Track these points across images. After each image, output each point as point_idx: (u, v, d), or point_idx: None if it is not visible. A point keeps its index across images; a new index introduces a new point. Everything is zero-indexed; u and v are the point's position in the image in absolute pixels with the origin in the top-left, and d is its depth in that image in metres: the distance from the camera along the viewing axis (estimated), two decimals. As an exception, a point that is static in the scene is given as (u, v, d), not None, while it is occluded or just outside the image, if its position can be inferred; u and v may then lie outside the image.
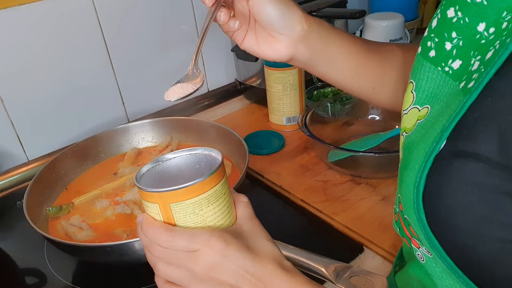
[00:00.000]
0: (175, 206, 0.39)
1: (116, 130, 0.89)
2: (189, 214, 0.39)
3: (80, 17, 0.90)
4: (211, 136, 0.87)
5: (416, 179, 0.38)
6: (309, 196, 0.77)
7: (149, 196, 0.40)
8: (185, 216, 0.39)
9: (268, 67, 0.96)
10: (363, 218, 0.71)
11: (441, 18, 0.41)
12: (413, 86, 0.43)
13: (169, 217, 0.40)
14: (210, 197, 0.39)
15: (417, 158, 0.38)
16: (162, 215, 0.40)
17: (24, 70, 0.87)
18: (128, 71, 1.01)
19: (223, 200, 0.41)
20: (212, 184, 0.39)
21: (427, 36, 0.43)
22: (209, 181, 0.39)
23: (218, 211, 0.40)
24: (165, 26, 1.03)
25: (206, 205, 0.39)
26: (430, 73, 0.41)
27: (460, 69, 0.38)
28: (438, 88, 0.41)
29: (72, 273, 0.68)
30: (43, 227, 0.68)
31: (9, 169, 0.91)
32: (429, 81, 0.41)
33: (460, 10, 0.39)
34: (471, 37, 0.38)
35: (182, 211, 0.39)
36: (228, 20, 0.57)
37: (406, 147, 0.42)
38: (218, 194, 0.40)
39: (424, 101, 0.42)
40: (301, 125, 0.85)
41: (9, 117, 0.88)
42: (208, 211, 0.40)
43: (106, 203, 0.74)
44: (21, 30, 0.84)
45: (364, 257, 0.65)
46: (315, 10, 1.05)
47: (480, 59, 0.36)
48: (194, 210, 0.39)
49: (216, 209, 0.40)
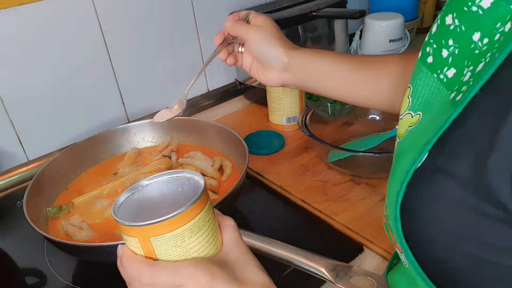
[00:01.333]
0: (156, 239, 0.36)
1: (116, 130, 0.89)
2: (171, 247, 0.37)
3: (80, 17, 0.90)
4: (211, 136, 0.87)
5: (397, 188, 0.38)
6: (309, 196, 0.77)
7: (128, 230, 0.37)
8: (167, 249, 0.37)
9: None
10: (363, 218, 0.71)
11: (440, 24, 0.41)
12: (410, 91, 0.43)
13: (150, 251, 0.37)
14: (193, 227, 0.37)
15: (402, 168, 0.38)
16: (142, 249, 0.37)
17: (24, 70, 0.87)
18: (128, 71, 1.01)
19: (207, 228, 0.38)
20: (195, 213, 0.37)
21: (427, 42, 0.42)
22: (192, 210, 0.36)
23: (203, 240, 0.38)
24: (165, 26, 1.03)
25: (189, 235, 0.37)
26: (426, 79, 0.41)
27: (453, 78, 0.38)
28: (432, 96, 0.40)
29: (72, 273, 0.68)
30: (43, 227, 0.68)
31: (9, 169, 0.91)
32: (424, 88, 0.41)
33: (457, 17, 0.38)
34: (466, 46, 0.37)
35: (164, 245, 0.37)
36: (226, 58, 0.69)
37: (396, 154, 0.43)
38: (201, 222, 0.37)
39: (417, 108, 0.41)
40: (301, 125, 0.85)
41: (9, 117, 0.88)
42: (191, 241, 0.37)
43: (106, 203, 0.74)
44: (21, 30, 0.84)
45: (364, 257, 0.65)
46: (315, 10, 1.05)
47: (472, 70, 0.36)
48: (177, 243, 0.37)
49: (200, 238, 0.38)
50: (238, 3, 1.13)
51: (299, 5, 1.10)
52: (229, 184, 0.75)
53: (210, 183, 0.77)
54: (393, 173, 0.41)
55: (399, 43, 1.13)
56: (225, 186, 0.77)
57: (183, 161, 0.83)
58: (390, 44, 1.12)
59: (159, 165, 0.82)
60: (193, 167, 0.81)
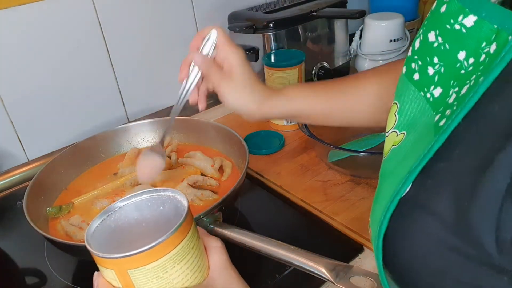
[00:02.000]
0: (134, 272, 0.33)
1: (116, 130, 0.89)
2: (152, 279, 0.33)
3: (80, 17, 0.90)
4: (211, 136, 0.87)
5: (380, 217, 0.36)
6: (309, 196, 0.77)
7: (103, 262, 0.34)
8: (147, 281, 0.33)
9: (268, 67, 0.96)
10: (363, 218, 0.71)
11: (423, 40, 0.39)
12: (397, 108, 0.41)
13: (128, 283, 0.34)
14: (175, 257, 0.33)
15: (385, 194, 0.37)
16: (120, 281, 0.34)
17: (24, 70, 0.87)
18: (128, 71, 1.01)
19: (191, 255, 0.34)
20: (178, 240, 0.33)
21: (411, 57, 0.40)
22: (174, 238, 0.33)
23: (186, 270, 0.34)
24: (165, 26, 1.03)
25: (171, 266, 0.33)
26: (414, 97, 0.39)
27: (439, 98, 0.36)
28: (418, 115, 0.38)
29: (72, 273, 0.68)
30: (43, 227, 0.68)
31: (9, 169, 0.91)
32: (411, 106, 0.39)
33: (441, 35, 0.36)
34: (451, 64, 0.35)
35: (143, 277, 0.33)
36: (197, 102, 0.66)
37: (381, 174, 0.41)
38: (185, 250, 0.34)
39: (403, 126, 0.39)
40: (301, 125, 0.85)
41: (9, 117, 0.88)
42: (174, 272, 0.34)
43: (106, 203, 0.74)
44: (21, 30, 0.84)
45: (364, 257, 0.65)
46: (315, 10, 1.05)
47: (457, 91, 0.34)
48: (157, 274, 0.33)
49: (184, 267, 0.34)
50: (238, 3, 1.13)
51: (299, 5, 1.10)
52: (229, 184, 0.75)
53: (210, 183, 0.77)
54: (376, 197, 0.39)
55: (399, 43, 1.13)
56: (225, 186, 0.77)
57: (183, 161, 0.83)
58: (390, 44, 1.12)
59: (159, 165, 0.82)
60: (193, 167, 0.81)
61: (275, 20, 1.02)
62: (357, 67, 1.18)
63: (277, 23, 1.02)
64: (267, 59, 0.97)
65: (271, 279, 0.61)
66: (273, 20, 1.01)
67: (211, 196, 0.73)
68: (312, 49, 1.08)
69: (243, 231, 0.60)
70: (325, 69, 1.09)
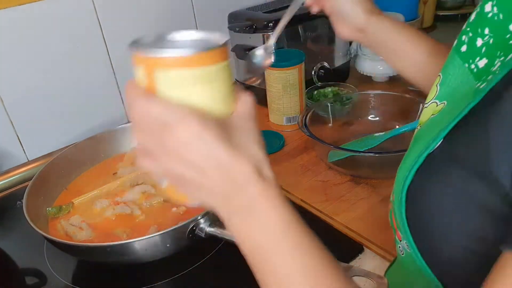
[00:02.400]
0: (159, 73, 0.34)
1: (116, 130, 0.89)
2: (172, 88, 0.34)
3: (80, 17, 0.90)
4: (211, 136, 0.87)
5: (405, 175, 0.38)
6: (309, 196, 0.77)
7: (135, 58, 0.36)
8: (168, 87, 0.34)
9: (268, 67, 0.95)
10: (363, 218, 0.71)
11: (479, 12, 0.40)
12: (439, 80, 0.43)
13: (151, 84, 0.35)
14: (198, 76, 0.34)
15: (414, 153, 0.39)
16: (146, 80, 0.35)
17: (24, 70, 0.87)
18: (128, 71, 1.00)
19: (215, 85, 0.35)
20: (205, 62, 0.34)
21: (464, 30, 0.42)
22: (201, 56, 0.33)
23: (206, 95, 0.35)
24: (165, 27, 1.03)
25: (193, 83, 0.34)
26: (457, 69, 0.41)
27: (484, 68, 0.38)
28: (459, 86, 0.40)
29: (72, 273, 0.68)
30: (43, 227, 0.68)
31: (9, 169, 0.91)
32: (454, 77, 0.41)
33: (497, 5, 0.38)
34: (501, 36, 0.37)
35: (166, 82, 0.34)
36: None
37: (413, 140, 0.43)
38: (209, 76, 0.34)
39: (443, 97, 0.41)
40: (301, 125, 0.85)
41: (9, 117, 0.88)
42: (194, 91, 0.34)
43: (106, 203, 0.74)
44: (21, 30, 0.84)
45: (364, 257, 0.65)
46: (315, 10, 1.05)
47: (502, 60, 0.35)
48: (178, 85, 0.34)
49: (204, 91, 0.35)
50: (238, 3, 1.12)
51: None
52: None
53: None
54: (405, 158, 0.41)
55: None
56: (225, 186, 0.77)
57: (183, 161, 0.83)
58: (390, 44, 1.12)
59: (159, 165, 0.82)
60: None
61: (275, 20, 1.01)
62: (357, 67, 1.18)
63: (277, 23, 1.01)
64: (267, 59, 0.97)
65: (271, 279, 0.61)
66: (273, 20, 1.01)
67: (211, 196, 0.73)
68: (312, 49, 1.08)
69: (243, 231, 0.60)
70: (325, 69, 1.08)
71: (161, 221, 0.69)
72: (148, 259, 0.63)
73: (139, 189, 0.76)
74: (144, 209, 0.72)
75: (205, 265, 0.65)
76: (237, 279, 0.63)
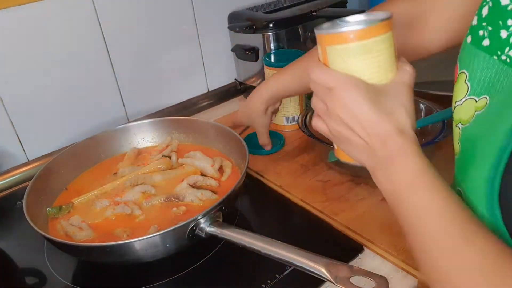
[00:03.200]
0: (329, 49, 0.43)
1: (116, 130, 0.89)
2: (338, 60, 0.43)
3: (80, 17, 0.90)
4: (211, 136, 0.87)
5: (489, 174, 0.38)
6: (309, 196, 0.77)
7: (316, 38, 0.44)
8: (334, 59, 0.43)
9: (268, 67, 0.95)
10: (363, 218, 0.71)
11: (493, 6, 0.41)
12: (466, 77, 0.43)
13: (325, 58, 0.44)
14: (358, 49, 0.41)
15: (488, 152, 0.38)
16: (322, 56, 0.45)
17: (24, 70, 0.87)
18: (128, 71, 1.01)
19: (374, 57, 0.42)
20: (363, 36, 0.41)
21: (478, 25, 0.42)
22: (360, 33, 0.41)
23: (366, 66, 0.42)
24: (165, 26, 1.03)
25: (354, 55, 0.42)
26: (485, 62, 0.41)
27: None
28: (496, 78, 0.40)
29: (72, 273, 0.68)
30: (43, 227, 0.68)
31: (9, 169, 0.91)
32: (484, 71, 0.41)
33: None
34: None
35: (333, 56, 0.43)
36: None
37: (465, 139, 0.43)
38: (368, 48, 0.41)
39: (480, 92, 0.42)
40: (301, 125, 0.85)
41: (9, 117, 0.88)
42: (354, 61, 0.42)
43: (106, 203, 0.74)
44: (21, 30, 0.84)
45: (364, 257, 0.65)
46: (315, 10, 1.05)
47: None
48: (342, 57, 0.42)
49: (363, 62, 0.42)
50: (238, 3, 1.13)
51: (299, 5, 1.10)
52: (229, 184, 0.75)
53: (210, 183, 0.77)
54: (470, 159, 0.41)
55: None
56: (225, 186, 0.77)
57: (183, 161, 0.83)
58: (390, 44, 1.12)
59: (159, 165, 0.82)
60: (193, 167, 0.81)
61: (275, 20, 1.02)
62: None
63: (277, 23, 1.02)
64: (267, 59, 0.97)
65: (271, 279, 0.61)
66: (273, 20, 1.01)
67: (211, 196, 0.73)
68: (312, 49, 1.08)
69: (243, 231, 0.60)
70: (325, 69, 1.08)
71: (161, 221, 0.69)
72: (148, 259, 0.63)
73: (139, 189, 0.76)
74: (144, 209, 0.72)
75: (205, 265, 0.65)
76: (237, 279, 0.64)
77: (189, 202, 0.73)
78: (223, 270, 0.65)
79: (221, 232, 0.61)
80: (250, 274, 0.64)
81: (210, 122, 0.89)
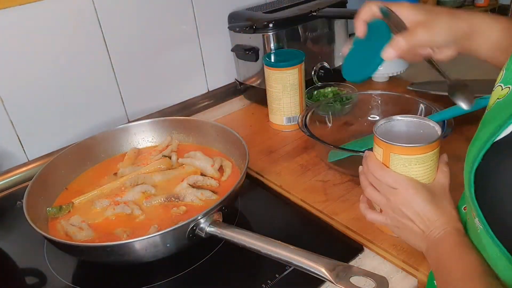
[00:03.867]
0: (393, 156, 0.55)
1: (116, 130, 0.89)
2: (400, 165, 0.55)
3: (80, 17, 0.90)
4: (211, 136, 0.87)
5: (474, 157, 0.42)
6: (309, 196, 0.77)
7: (379, 142, 0.56)
8: (397, 164, 0.55)
9: (268, 67, 0.95)
10: (363, 218, 0.70)
11: None
12: (507, 64, 0.44)
13: (386, 160, 0.56)
14: (418, 159, 0.54)
15: (483, 137, 0.42)
16: (382, 157, 0.56)
17: (24, 70, 0.87)
18: (128, 71, 1.01)
19: (428, 165, 0.54)
20: (424, 151, 0.53)
21: None
22: (422, 148, 0.53)
23: (421, 171, 0.55)
24: (165, 26, 1.03)
25: (415, 163, 0.54)
26: None
27: None
28: None
29: (72, 273, 0.68)
30: (43, 227, 0.68)
31: (9, 169, 0.91)
32: None
33: None
34: None
35: (396, 161, 0.55)
36: None
37: (481, 123, 0.46)
38: (425, 159, 0.54)
39: (508, 81, 0.43)
40: (301, 125, 0.85)
41: (9, 117, 0.88)
42: (414, 168, 0.54)
43: (106, 203, 0.74)
44: (21, 30, 0.84)
45: (364, 257, 0.65)
46: (315, 10, 1.05)
47: None
48: (405, 163, 0.54)
49: (420, 168, 0.54)
50: (238, 3, 1.13)
51: (299, 5, 1.10)
52: (229, 184, 0.75)
53: (210, 183, 0.77)
54: (473, 141, 0.45)
55: None
56: (225, 186, 0.77)
57: (183, 161, 0.83)
58: (390, 44, 1.12)
59: (159, 165, 0.82)
60: (193, 167, 0.81)
61: (275, 20, 1.01)
62: (357, 67, 1.18)
63: (277, 23, 1.01)
64: (267, 59, 0.97)
65: (271, 279, 0.61)
66: (273, 20, 1.01)
67: (211, 196, 0.73)
68: (312, 49, 1.08)
69: (243, 231, 0.60)
70: (325, 69, 1.08)
71: (161, 221, 0.69)
72: (148, 259, 0.63)
73: (139, 189, 0.76)
74: (144, 209, 0.72)
75: (205, 265, 0.65)
76: (237, 279, 0.64)
77: (189, 202, 0.73)
78: (223, 270, 0.65)
79: (221, 232, 0.61)
80: (250, 274, 0.64)
81: (210, 122, 0.89)
